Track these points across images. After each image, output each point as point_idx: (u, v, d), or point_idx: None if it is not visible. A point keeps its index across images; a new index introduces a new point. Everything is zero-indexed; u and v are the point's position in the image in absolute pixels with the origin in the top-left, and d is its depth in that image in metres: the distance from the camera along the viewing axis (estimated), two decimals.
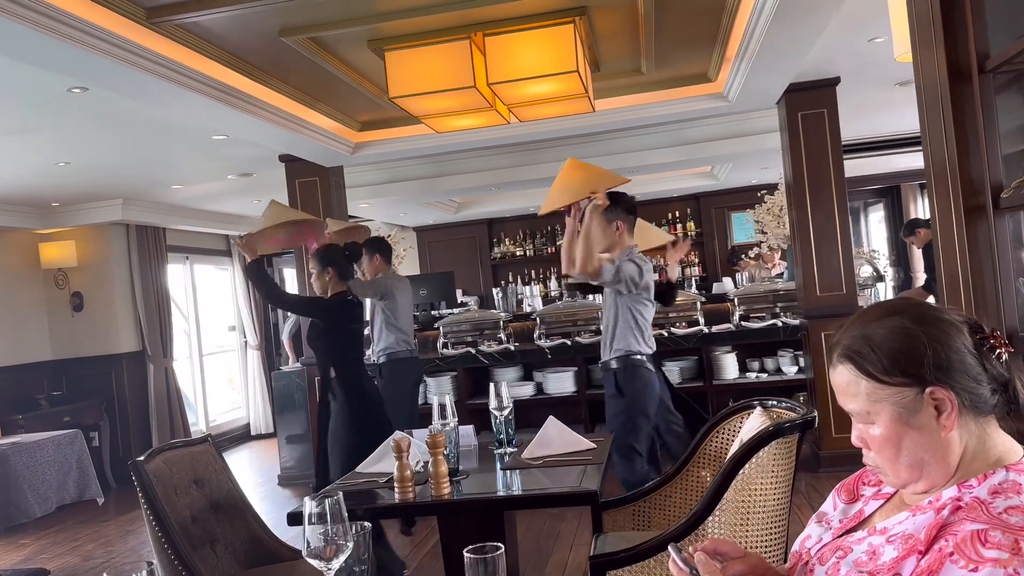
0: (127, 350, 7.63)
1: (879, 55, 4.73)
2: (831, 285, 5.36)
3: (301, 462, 6.76)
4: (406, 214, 9.01)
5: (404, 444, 2.38)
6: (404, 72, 3.67)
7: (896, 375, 1.12)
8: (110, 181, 6.30)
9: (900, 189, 9.71)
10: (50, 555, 5.28)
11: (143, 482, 2.57)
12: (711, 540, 1.34)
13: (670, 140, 6.54)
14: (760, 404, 2.59)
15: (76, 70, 3.35)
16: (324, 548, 1.38)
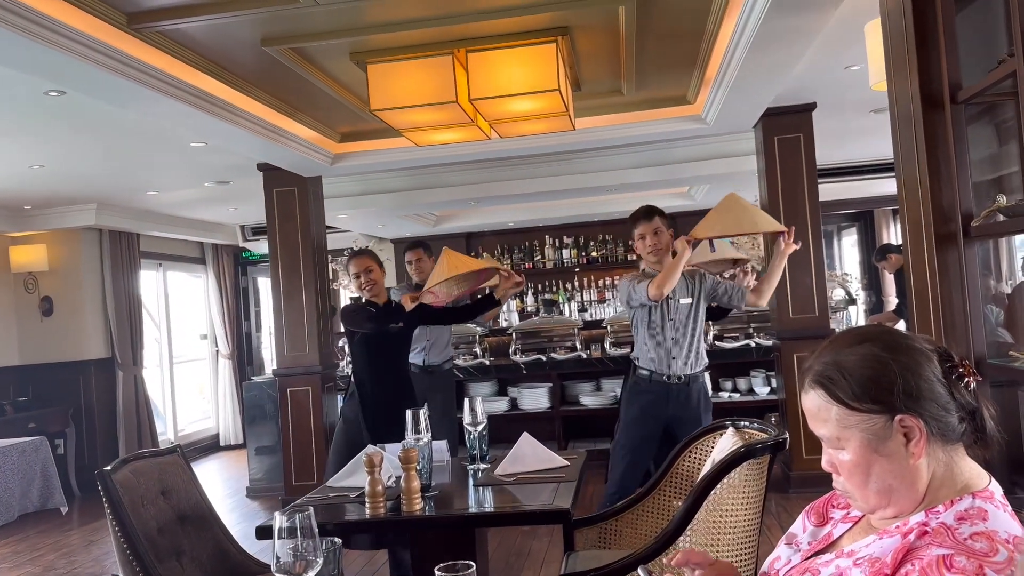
0: (96, 356, 7.52)
1: (855, 82, 4.82)
2: (804, 307, 5.42)
3: (270, 474, 6.68)
4: (384, 226, 8.99)
5: (376, 459, 2.37)
6: (386, 85, 3.67)
7: (866, 402, 1.14)
8: (85, 185, 6.23)
9: (873, 214, 9.86)
10: (9, 565, 5.17)
11: (110, 493, 2.53)
12: (681, 553, 1.35)
13: (648, 160, 6.60)
14: (732, 424, 2.61)
15: (54, 73, 3.31)
16: (294, 563, 1.36)
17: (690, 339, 3.73)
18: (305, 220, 5.98)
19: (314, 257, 6.00)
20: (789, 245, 3.69)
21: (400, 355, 4.06)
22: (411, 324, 4.01)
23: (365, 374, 4.01)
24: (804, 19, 3.32)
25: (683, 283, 3.76)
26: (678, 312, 3.74)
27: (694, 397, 3.74)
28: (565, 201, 8.51)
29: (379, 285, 3.98)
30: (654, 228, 3.76)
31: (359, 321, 3.94)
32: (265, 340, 10.25)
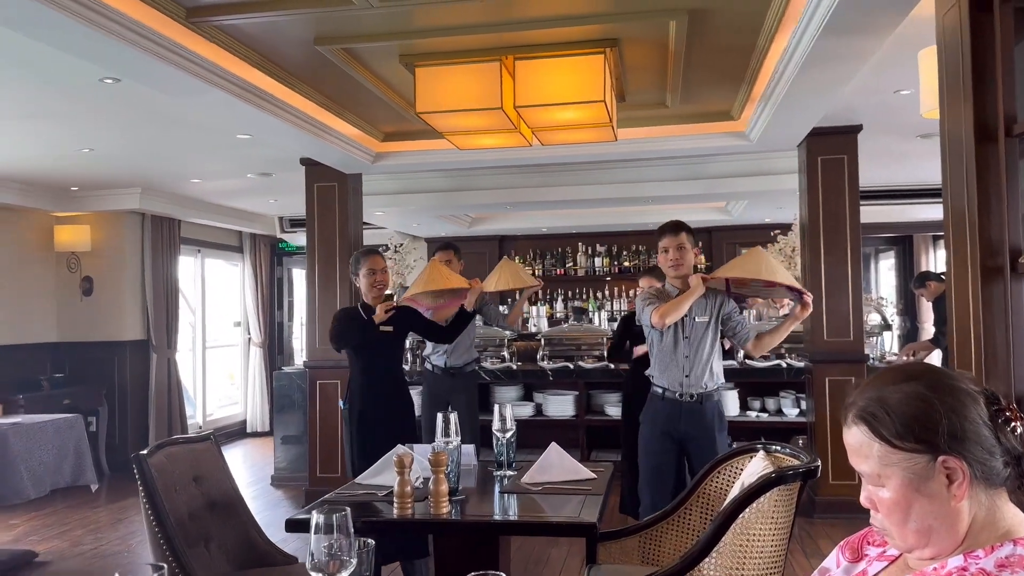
0: (132, 338, 7.67)
1: (903, 107, 4.76)
2: (839, 331, 5.36)
3: (295, 463, 6.76)
4: (419, 225, 9.05)
5: (407, 460, 2.40)
6: (433, 88, 3.71)
7: (909, 441, 1.13)
8: (131, 170, 6.35)
9: (913, 239, 9.72)
10: (39, 537, 5.29)
11: (144, 476, 2.58)
12: None
13: (687, 173, 6.58)
14: (763, 448, 2.59)
15: (111, 62, 3.39)
16: (328, 562, 1.39)
17: (705, 358, 3.70)
18: (344, 216, 6.04)
19: (350, 253, 6.04)
20: (805, 310, 3.62)
21: (391, 358, 4.12)
22: (401, 330, 4.11)
23: (359, 375, 4.10)
24: (858, 41, 3.29)
25: (702, 301, 3.73)
26: (693, 330, 3.71)
27: (707, 415, 3.70)
28: (600, 209, 8.50)
29: (385, 287, 4.09)
30: (678, 243, 3.71)
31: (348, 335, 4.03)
32: (296, 330, 10.37)
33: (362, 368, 4.08)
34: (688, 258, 3.73)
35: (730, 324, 3.76)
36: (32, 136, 5.11)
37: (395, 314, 4.02)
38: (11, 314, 7.07)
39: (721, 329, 3.78)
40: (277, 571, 2.90)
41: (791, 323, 3.71)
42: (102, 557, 4.83)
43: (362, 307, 4.11)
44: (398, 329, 4.06)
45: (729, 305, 3.79)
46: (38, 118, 4.67)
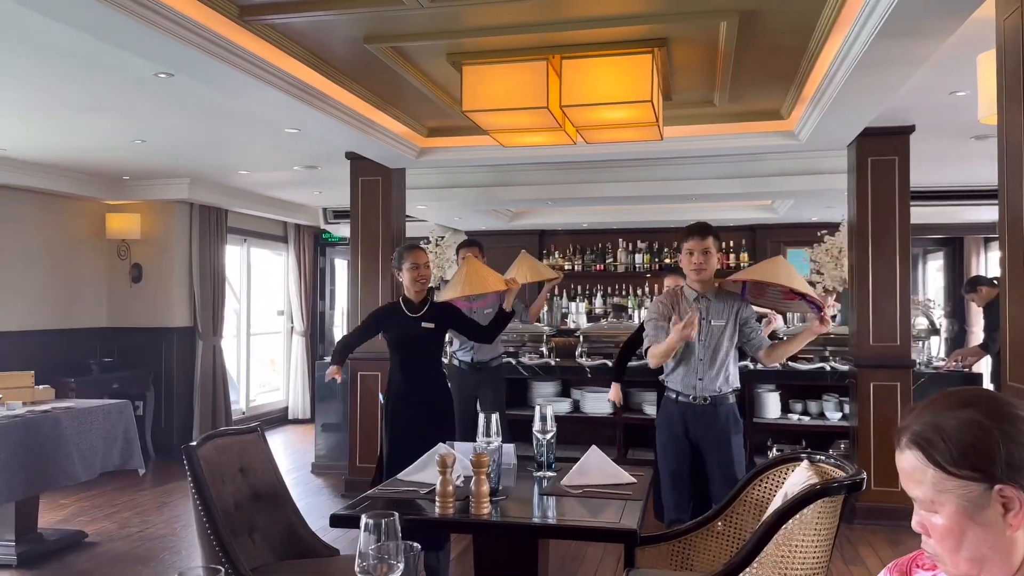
0: (179, 324, 7.84)
1: (959, 108, 4.66)
2: (885, 335, 5.27)
3: (334, 451, 6.86)
4: (460, 218, 9.09)
5: (449, 460, 2.42)
6: (480, 87, 3.72)
7: (965, 468, 1.11)
8: (180, 161, 6.49)
9: (963, 241, 9.50)
10: (88, 518, 5.45)
11: (193, 467, 2.64)
12: None
13: (733, 171, 6.51)
14: (808, 457, 2.57)
15: (166, 58, 3.46)
16: (377, 566, 1.41)
17: (719, 362, 3.67)
18: (387, 210, 6.09)
19: (393, 246, 6.09)
20: (823, 325, 3.55)
21: (429, 354, 4.12)
22: (442, 327, 4.12)
23: (395, 370, 4.15)
24: (914, 45, 3.22)
25: (719, 305, 3.71)
26: (709, 335, 3.68)
27: (721, 418, 3.66)
28: (642, 206, 8.45)
29: (428, 281, 4.12)
30: (704, 247, 3.67)
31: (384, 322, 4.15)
32: (337, 319, 10.50)
33: (400, 363, 4.12)
34: (712, 262, 3.69)
35: (745, 330, 3.72)
36: (87, 128, 5.24)
37: (435, 310, 4.05)
38: (64, 299, 7.28)
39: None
40: (317, 562, 2.95)
41: (807, 336, 3.67)
42: (148, 540, 4.97)
43: (403, 301, 4.14)
44: (439, 326, 4.08)
45: (747, 310, 3.74)
46: (93, 111, 4.79)
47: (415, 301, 4.08)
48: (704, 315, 3.69)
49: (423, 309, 4.07)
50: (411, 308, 4.08)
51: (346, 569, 2.75)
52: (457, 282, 4.09)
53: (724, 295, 3.75)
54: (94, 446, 4.73)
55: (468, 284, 3.97)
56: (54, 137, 5.52)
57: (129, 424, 5.03)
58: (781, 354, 3.72)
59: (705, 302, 3.72)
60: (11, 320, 6.67)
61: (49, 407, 4.62)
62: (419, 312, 4.06)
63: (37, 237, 6.99)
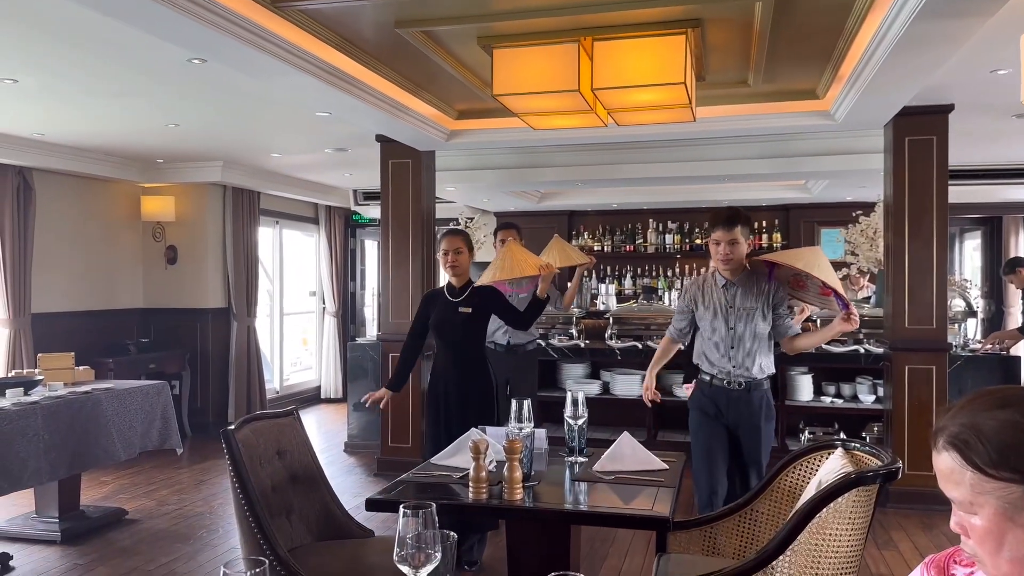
0: (214, 305, 7.95)
1: (999, 86, 4.55)
2: (921, 318, 5.19)
3: (366, 431, 6.95)
4: (489, 200, 9.08)
5: (483, 446, 2.44)
6: (510, 70, 3.70)
7: (1004, 470, 1.10)
8: (213, 144, 6.55)
9: (1002, 220, 9.29)
10: (128, 496, 5.59)
11: (232, 450, 2.69)
12: None
13: (767, 151, 6.42)
14: (842, 445, 2.55)
15: (199, 45, 3.49)
16: (415, 555, 1.44)
17: (749, 346, 3.63)
18: (417, 192, 6.11)
19: (423, 228, 6.14)
20: (849, 324, 3.50)
21: (467, 338, 4.11)
22: (481, 311, 4.11)
23: (438, 353, 4.19)
24: (955, 24, 3.15)
25: (748, 290, 3.67)
26: (738, 320, 3.65)
27: (755, 404, 3.64)
28: (672, 186, 8.38)
29: (462, 267, 4.09)
30: (731, 238, 3.59)
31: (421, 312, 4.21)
32: (368, 299, 10.59)
33: (441, 347, 4.17)
34: (740, 251, 3.62)
35: (774, 316, 3.68)
36: (121, 112, 5.31)
37: (475, 295, 4.06)
38: (101, 281, 7.42)
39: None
40: (353, 543, 3.01)
41: (831, 333, 3.62)
42: (187, 517, 5.08)
43: (447, 286, 4.16)
44: (478, 311, 4.09)
45: (779, 295, 3.68)
46: (127, 96, 4.85)
47: (456, 286, 4.11)
48: (731, 303, 3.67)
49: (464, 294, 4.08)
50: (452, 293, 4.10)
51: (381, 551, 2.79)
52: (494, 266, 4.10)
53: (754, 279, 3.70)
54: (133, 426, 4.84)
55: (503, 269, 3.97)
56: (89, 122, 5.60)
57: (167, 404, 5.13)
58: (804, 345, 3.71)
59: (734, 289, 3.68)
60: (51, 302, 6.82)
61: (90, 388, 4.73)
62: (460, 297, 4.08)
63: (74, 220, 7.12)
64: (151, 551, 4.45)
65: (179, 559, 4.33)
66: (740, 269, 3.70)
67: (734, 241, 3.60)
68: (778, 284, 3.72)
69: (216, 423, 7.59)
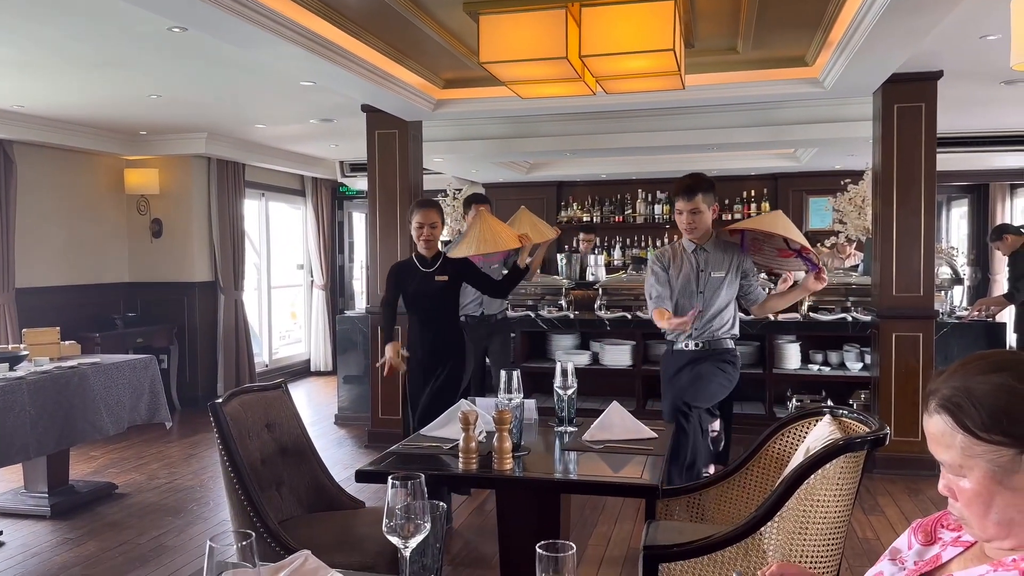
0: (200, 279, 7.90)
1: (989, 52, 4.52)
2: (908, 286, 5.21)
3: (356, 403, 6.95)
4: (477, 171, 9.02)
5: (472, 417, 2.44)
6: (497, 38, 3.64)
7: (995, 433, 1.10)
8: (197, 115, 6.45)
9: (989, 187, 9.32)
10: (118, 470, 5.58)
11: (220, 424, 2.68)
12: (777, 565, 1.36)
13: (756, 120, 6.39)
14: (830, 412, 2.56)
15: (179, 12, 3.41)
16: (405, 525, 1.43)
17: (716, 311, 3.73)
18: (404, 163, 6.06)
19: (410, 199, 6.08)
20: (819, 283, 3.57)
21: (445, 307, 4.16)
22: (456, 281, 4.14)
23: (413, 324, 4.23)
24: None
25: (719, 256, 3.75)
26: (708, 285, 3.74)
27: (709, 359, 3.73)
28: (662, 156, 8.34)
29: (434, 240, 4.12)
30: (692, 207, 3.67)
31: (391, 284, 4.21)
32: (357, 272, 10.55)
33: (417, 318, 4.18)
34: (703, 219, 3.70)
35: (744, 283, 3.77)
36: (102, 83, 5.21)
37: (448, 264, 4.07)
38: (86, 255, 7.35)
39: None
40: (343, 514, 3.01)
41: (800, 293, 3.72)
42: (177, 491, 5.08)
43: (416, 257, 4.16)
44: (453, 280, 4.10)
45: (748, 263, 3.78)
46: (108, 66, 4.76)
47: (427, 256, 4.11)
48: (703, 267, 3.75)
49: (436, 264, 4.09)
50: (424, 263, 4.11)
51: (371, 521, 2.80)
52: (470, 240, 4.09)
53: (723, 245, 3.76)
54: (121, 400, 4.82)
55: (481, 242, 3.96)
56: (70, 93, 5.50)
57: (155, 378, 5.10)
58: (772, 307, 3.80)
59: (703, 254, 3.79)
60: (35, 276, 6.75)
61: (76, 363, 4.70)
62: (432, 267, 4.09)
63: (57, 193, 7.03)
64: (141, 525, 4.45)
65: (169, 532, 4.33)
66: (708, 236, 3.77)
67: (695, 210, 3.69)
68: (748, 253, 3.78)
69: (205, 397, 7.57)
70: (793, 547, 2.21)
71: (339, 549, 2.62)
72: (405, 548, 1.45)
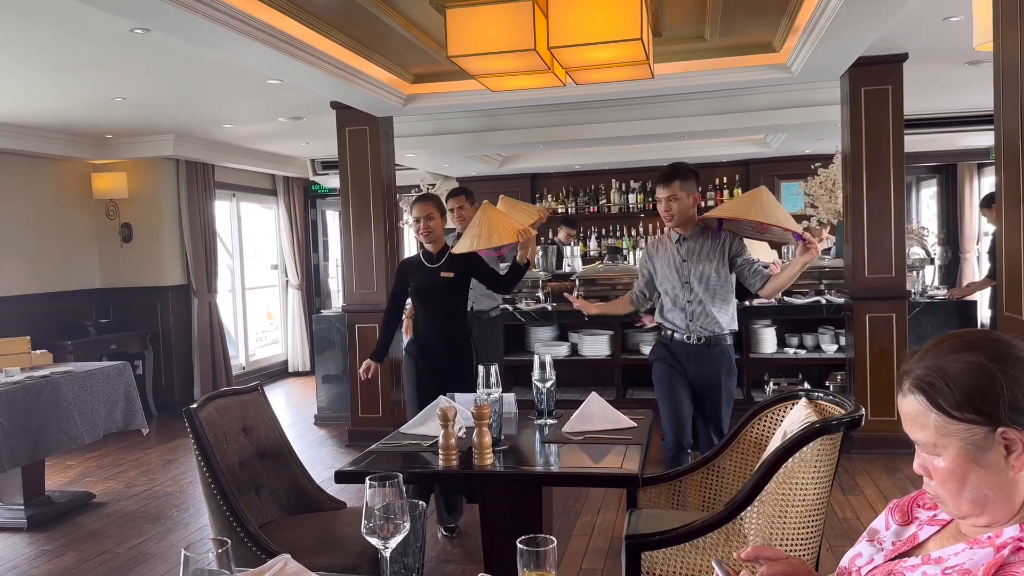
0: (173, 283, 7.81)
1: (952, 34, 4.57)
2: (881, 267, 5.27)
3: (336, 402, 6.91)
4: (451, 165, 8.99)
5: (450, 413, 2.43)
6: (464, 31, 3.61)
7: (969, 412, 1.11)
8: (163, 117, 6.37)
9: (956, 167, 9.44)
10: (95, 479, 5.51)
11: (196, 430, 2.65)
12: (753, 548, 1.36)
13: (725, 107, 6.42)
14: (806, 395, 2.58)
15: (139, 13, 3.36)
16: (383, 526, 1.42)
17: (711, 299, 3.66)
18: (376, 159, 6.02)
19: (384, 196, 6.06)
20: (807, 253, 3.43)
21: (452, 303, 4.09)
22: (462, 276, 4.07)
23: (420, 319, 4.15)
24: None
25: (702, 244, 3.70)
26: (693, 274, 3.69)
27: (715, 359, 3.67)
28: (634, 145, 8.36)
29: (436, 232, 4.04)
30: (669, 194, 3.65)
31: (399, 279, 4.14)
32: (332, 271, 10.48)
33: (424, 314, 4.11)
34: (681, 207, 3.66)
35: (738, 262, 3.67)
36: (65, 87, 5.12)
37: (454, 259, 4.01)
38: (55, 262, 7.23)
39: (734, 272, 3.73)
40: (324, 515, 2.99)
41: (797, 267, 3.58)
42: (156, 498, 5.03)
43: (423, 254, 4.11)
44: (459, 275, 4.05)
45: (736, 246, 3.70)
46: (70, 70, 4.68)
47: (433, 252, 4.06)
48: (684, 257, 3.71)
49: (442, 259, 4.04)
50: (430, 259, 4.06)
51: (352, 522, 2.78)
52: (470, 234, 4.01)
53: (707, 233, 3.74)
54: (96, 408, 4.75)
55: (481, 237, 3.89)
56: (32, 99, 5.40)
57: (129, 385, 5.04)
58: (779, 285, 3.63)
59: (686, 244, 3.74)
60: (4, 286, 6.64)
61: (48, 372, 4.62)
62: (438, 262, 4.03)
63: (24, 200, 6.90)
64: (121, 534, 4.40)
65: (149, 540, 4.28)
66: (690, 224, 3.72)
67: (673, 197, 3.65)
68: (729, 234, 3.73)
69: (182, 402, 7.48)
70: (774, 530, 2.23)
71: (321, 551, 2.60)
72: (385, 548, 1.44)
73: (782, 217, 3.56)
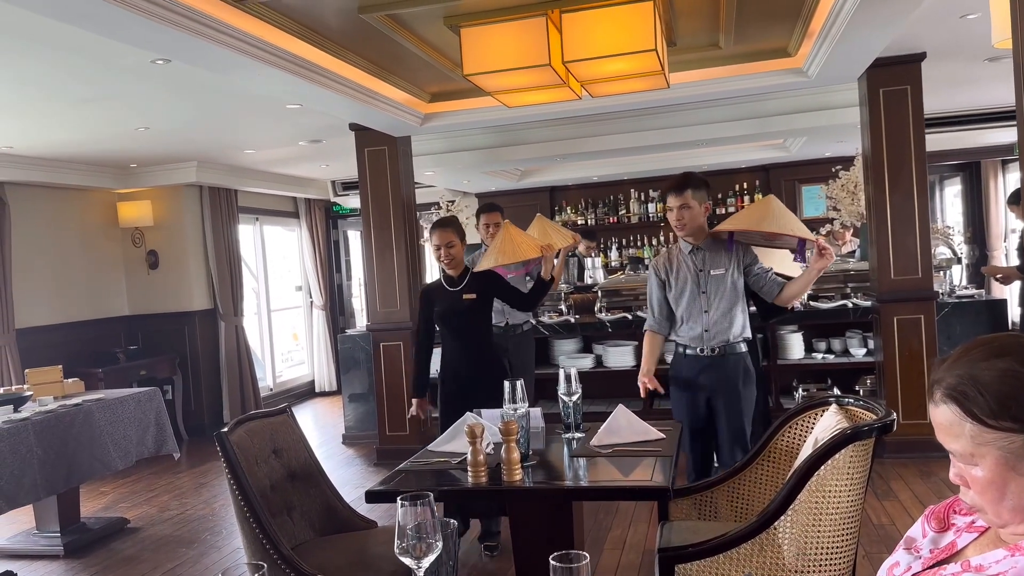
0: (200, 307, 7.89)
1: (971, 31, 4.53)
2: (906, 268, 5.22)
3: (363, 421, 6.93)
4: (469, 181, 9.03)
5: (478, 430, 2.43)
6: (479, 49, 3.65)
7: (1004, 420, 1.09)
8: (186, 145, 6.47)
9: (980, 165, 9.32)
10: (129, 504, 5.57)
11: (227, 453, 2.67)
12: None
13: (743, 113, 6.40)
14: (836, 401, 2.56)
15: (160, 45, 3.42)
16: (416, 545, 1.43)
17: (723, 311, 3.62)
18: (395, 179, 6.06)
19: (404, 215, 6.10)
20: (822, 259, 3.40)
21: (476, 325, 4.09)
22: (485, 297, 4.08)
23: (446, 343, 4.15)
24: None
25: (715, 255, 3.66)
26: (709, 284, 3.64)
27: (730, 369, 3.62)
28: (653, 155, 8.35)
29: (457, 259, 4.04)
30: (682, 203, 3.61)
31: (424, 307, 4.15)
32: (355, 290, 10.54)
33: (449, 337, 4.12)
34: (693, 215, 3.62)
35: (753, 272, 3.64)
36: (89, 119, 5.22)
37: (476, 281, 4.03)
38: (84, 290, 7.35)
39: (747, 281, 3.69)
40: (356, 535, 3.00)
41: (812, 274, 3.54)
42: (189, 522, 5.07)
43: (444, 277, 4.13)
44: (482, 296, 4.06)
45: (748, 256, 3.67)
46: (93, 102, 4.77)
47: (454, 276, 4.08)
48: (701, 266, 3.67)
49: (464, 281, 4.05)
50: (451, 282, 4.07)
51: (384, 541, 2.79)
52: (492, 251, 4.06)
53: (719, 243, 3.70)
54: (128, 435, 4.81)
55: (504, 253, 3.92)
56: (57, 131, 5.51)
57: (160, 410, 5.09)
58: (795, 292, 3.60)
59: (700, 253, 3.69)
60: (34, 316, 6.75)
61: (80, 400, 4.69)
62: (459, 285, 4.05)
63: (51, 231, 7.03)
64: (156, 558, 4.44)
65: (184, 563, 4.32)
66: (701, 234, 3.69)
67: (685, 205, 3.62)
68: (740, 245, 3.70)
69: (212, 425, 7.55)
70: (808, 539, 2.20)
71: (354, 571, 2.61)
72: (418, 568, 1.44)
73: (793, 225, 3.54)
